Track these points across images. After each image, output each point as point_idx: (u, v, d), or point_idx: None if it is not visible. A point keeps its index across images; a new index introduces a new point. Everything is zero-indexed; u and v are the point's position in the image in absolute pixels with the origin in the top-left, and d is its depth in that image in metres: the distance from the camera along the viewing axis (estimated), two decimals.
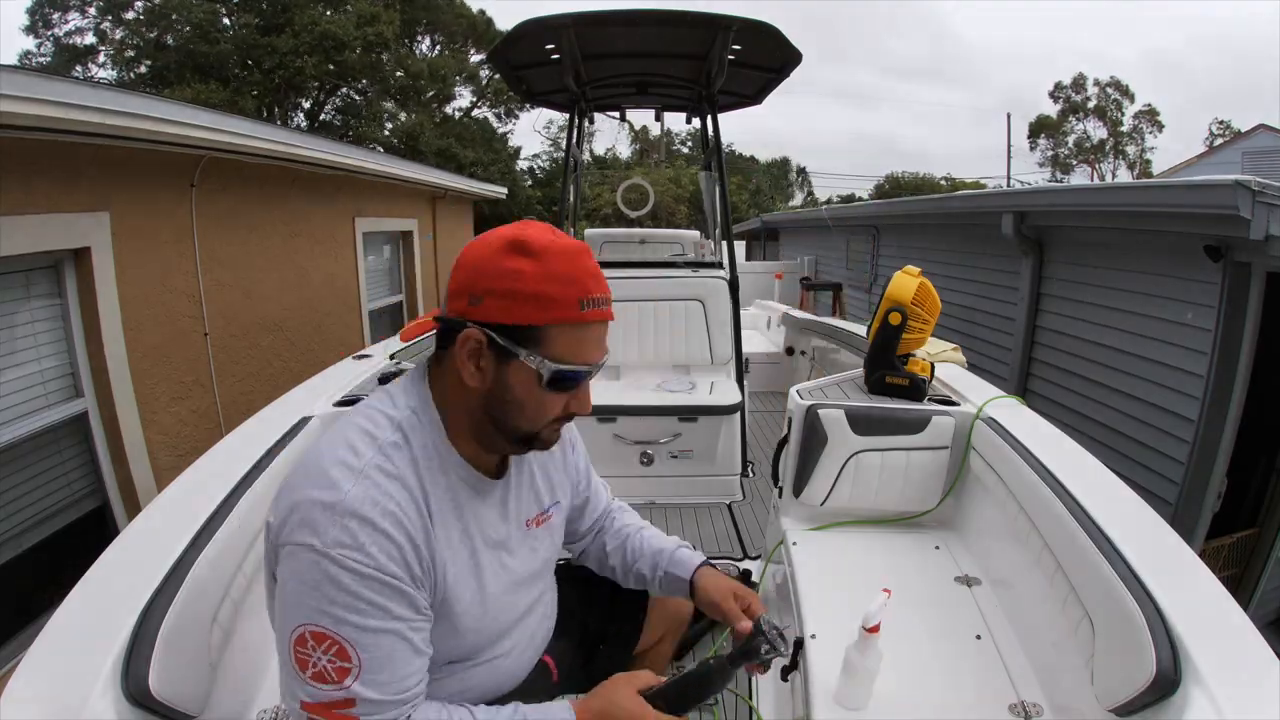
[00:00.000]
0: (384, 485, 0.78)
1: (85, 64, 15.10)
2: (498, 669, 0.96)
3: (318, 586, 0.73)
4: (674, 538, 1.17)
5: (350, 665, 0.74)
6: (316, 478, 0.77)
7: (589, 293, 0.80)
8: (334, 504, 0.75)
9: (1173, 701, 0.90)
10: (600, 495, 1.20)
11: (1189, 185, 3.25)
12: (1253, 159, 13.72)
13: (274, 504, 0.81)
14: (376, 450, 0.79)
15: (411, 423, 0.83)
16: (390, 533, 0.76)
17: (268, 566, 0.83)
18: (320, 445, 0.82)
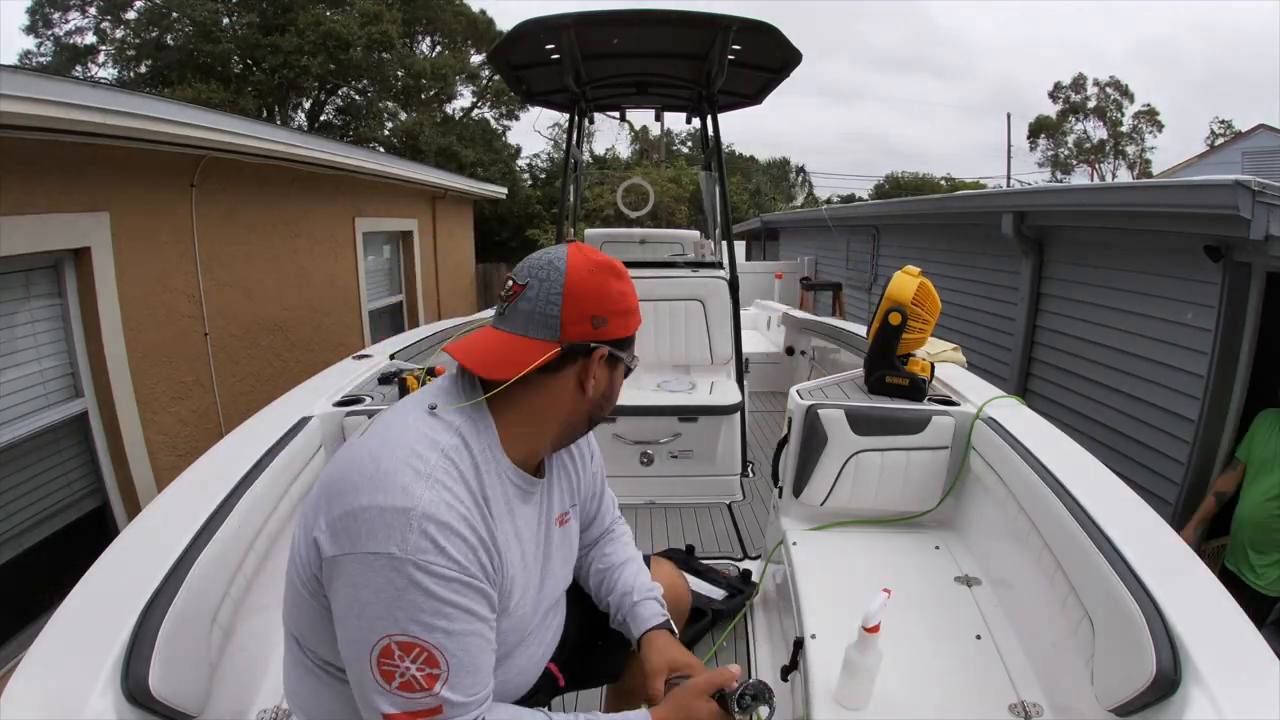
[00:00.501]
0: (453, 489, 0.79)
1: (85, 64, 15.09)
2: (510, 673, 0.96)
3: (402, 594, 0.73)
4: (648, 582, 1.14)
5: (440, 671, 0.74)
6: (380, 484, 0.76)
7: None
8: (408, 510, 0.74)
9: (1173, 701, 0.90)
10: (608, 511, 1.21)
11: (1189, 185, 3.25)
12: (1253, 159, 13.72)
13: (317, 515, 0.79)
14: (440, 455, 0.80)
15: (468, 429, 0.85)
16: (466, 535, 0.78)
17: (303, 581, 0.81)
18: (372, 450, 0.80)
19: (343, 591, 0.75)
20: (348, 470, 0.79)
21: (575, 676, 1.13)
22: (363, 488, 0.76)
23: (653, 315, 3.03)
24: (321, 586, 0.79)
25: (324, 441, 1.89)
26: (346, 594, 0.75)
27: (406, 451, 0.79)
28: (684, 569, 2.00)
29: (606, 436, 2.63)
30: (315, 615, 0.81)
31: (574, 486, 1.07)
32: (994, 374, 4.83)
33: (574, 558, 1.09)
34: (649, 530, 2.45)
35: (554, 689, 1.10)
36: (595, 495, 1.15)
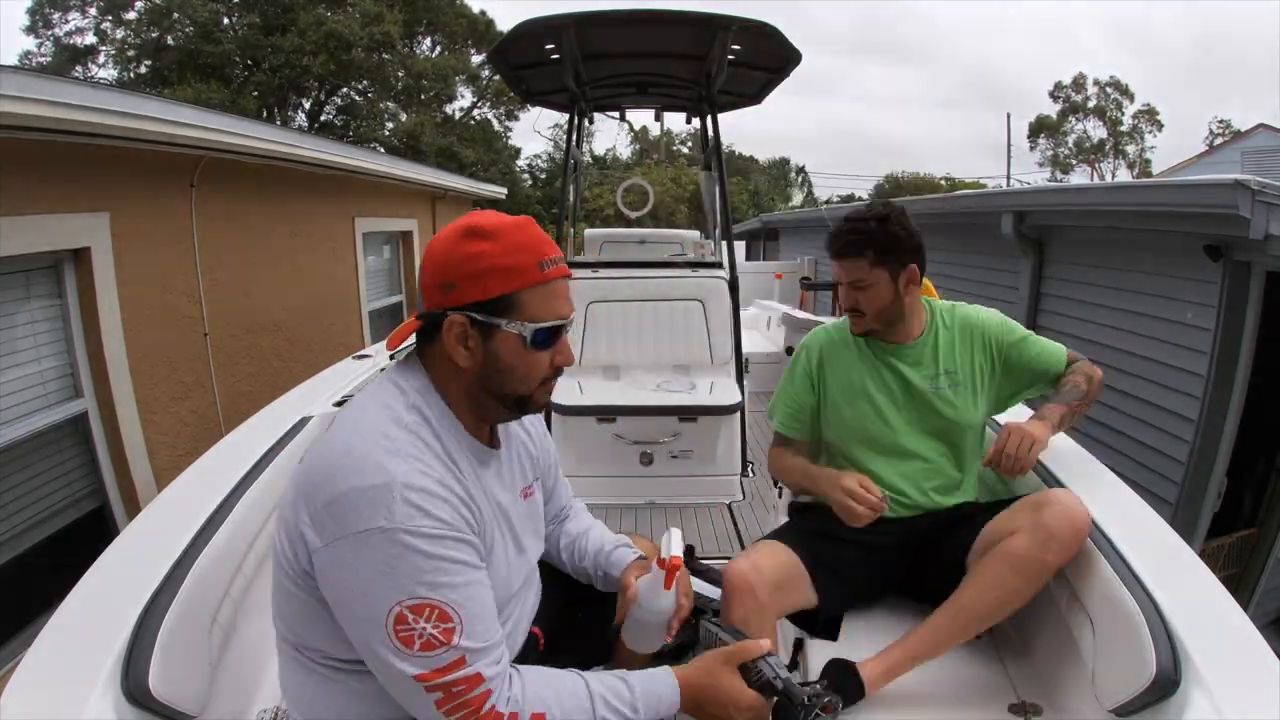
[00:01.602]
0: (423, 458, 0.82)
1: (85, 64, 15.09)
2: None
3: (401, 560, 0.76)
4: (617, 536, 1.21)
5: (453, 624, 0.77)
6: (356, 468, 0.79)
7: (545, 254, 0.88)
8: (387, 484, 0.77)
9: (1173, 701, 0.90)
10: (564, 488, 1.25)
11: (1189, 185, 3.26)
12: (1252, 158, 13.71)
13: (298, 511, 0.81)
14: (404, 430, 0.84)
15: (423, 401, 0.88)
16: (445, 496, 0.81)
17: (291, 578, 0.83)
18: (341, 441, 0.83)
19: (340, 577, 0.78)
20: (321, 463, 0.82)
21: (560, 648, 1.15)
22: (340, 474, 0.79)
23: (653, 315, 3.03)
24: (313, 580, 0.81)
25: None
26: (345, 577, 0.77)
27: (374, 434, 0.82)
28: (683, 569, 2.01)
29: (607, 436, 2.63)
30: (308, 611, 0.83)
31: (534, 460, 1.11)
32: None
33: (543, 530, 1.13)
34: (649, 530, 2.45)
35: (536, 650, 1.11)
36: (550, 470, 1.19)
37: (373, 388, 0.92)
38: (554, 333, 0.90)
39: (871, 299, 1.39)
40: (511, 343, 0.88)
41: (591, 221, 10.99)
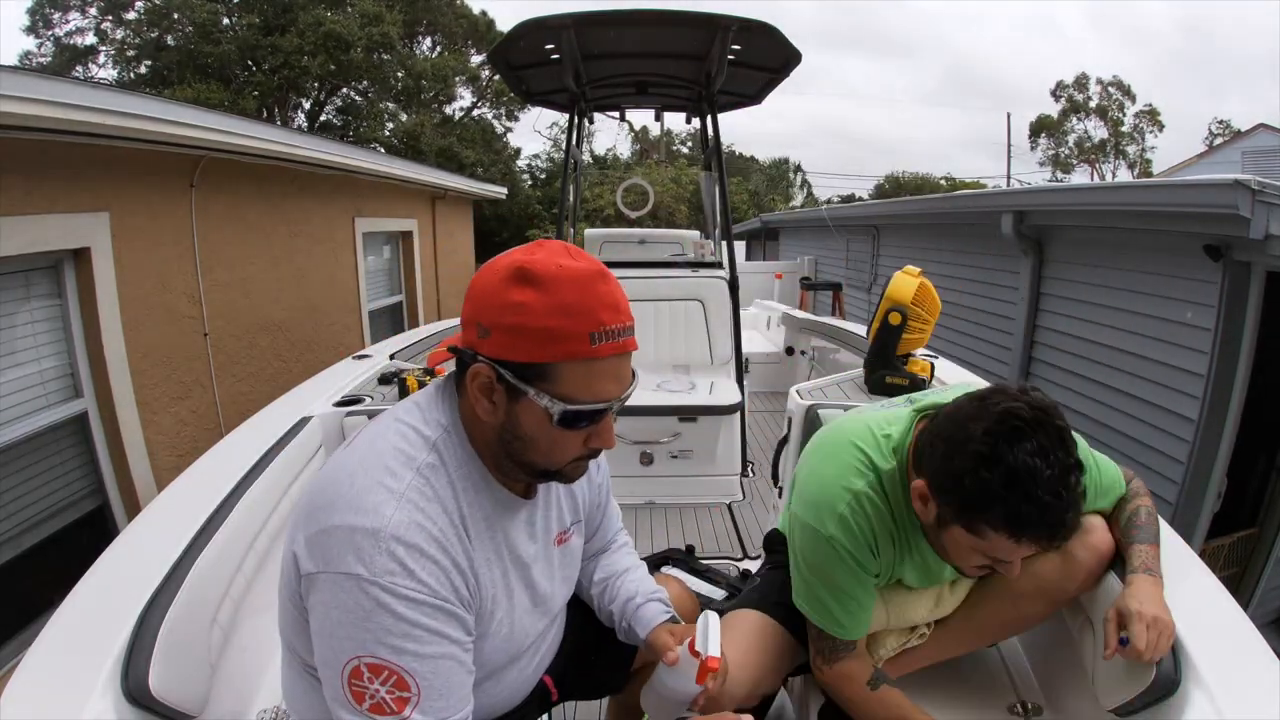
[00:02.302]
0: (426, 509, 0.75)
1: (85, 64, 15.09)
2: (499, 690, 0.93)
3: (369, 616, 0.70)
4: (652, 586, 1.09)
5: (410, 695, 0.71)
6: (353, 503, 0.73)
7: (602, 324, 0.74)
8: (377, 530, 0.71)
9: (1173, 702, 0.90)
10: (611, 524, 1.15)
11: (1189, 184, 3.26)
12: (1252, 158, 13.72)
13: (297, 529, 0.77)
14: (415, 473, 0.76)
15: (445, 442, 0.80)
16: (437, 558, 0.74)
17: (288, 591, 0.79)
18: (350, 465, 0.77)
19: (317, 609, 0.74)
20: (325, 486, 0.77)
21: (571, 688, 1.11)
22: (337, 505, 0.74)
23: (653, 315, 3.04)
24: (302, 599, 0.77)
25: (324, 441, 1.89)
26: (320, 612, 0.73)
27: (381, 469, 0.76)
28: (684, 569, 2.01)
29: None
30: (299, 624, 0.80)
31: (577, 502, 1.01)
32: (994, 374, 4.83)
33: (575, 575, 1.04)
34: (649, 530, 2.45)
35: (546, 702, 1.07)
36: (599, 507, 1.09)
37: (401, 408, 0.84)
38: (590, 416, 0.77)
39: None
40: (536, 415, 0.76)
41: (591, 221, 10.99)
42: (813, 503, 1.05)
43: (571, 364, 0.74)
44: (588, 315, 0.73)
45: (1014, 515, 0.85)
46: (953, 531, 0.94)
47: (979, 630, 1.18)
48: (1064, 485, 0.84)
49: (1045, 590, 1.10)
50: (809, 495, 1.07)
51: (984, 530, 0.89)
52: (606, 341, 0.74)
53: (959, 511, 0.90)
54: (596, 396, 0.76)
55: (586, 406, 0.76)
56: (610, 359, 0.76)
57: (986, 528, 0.88)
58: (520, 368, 0.74)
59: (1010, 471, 0.84)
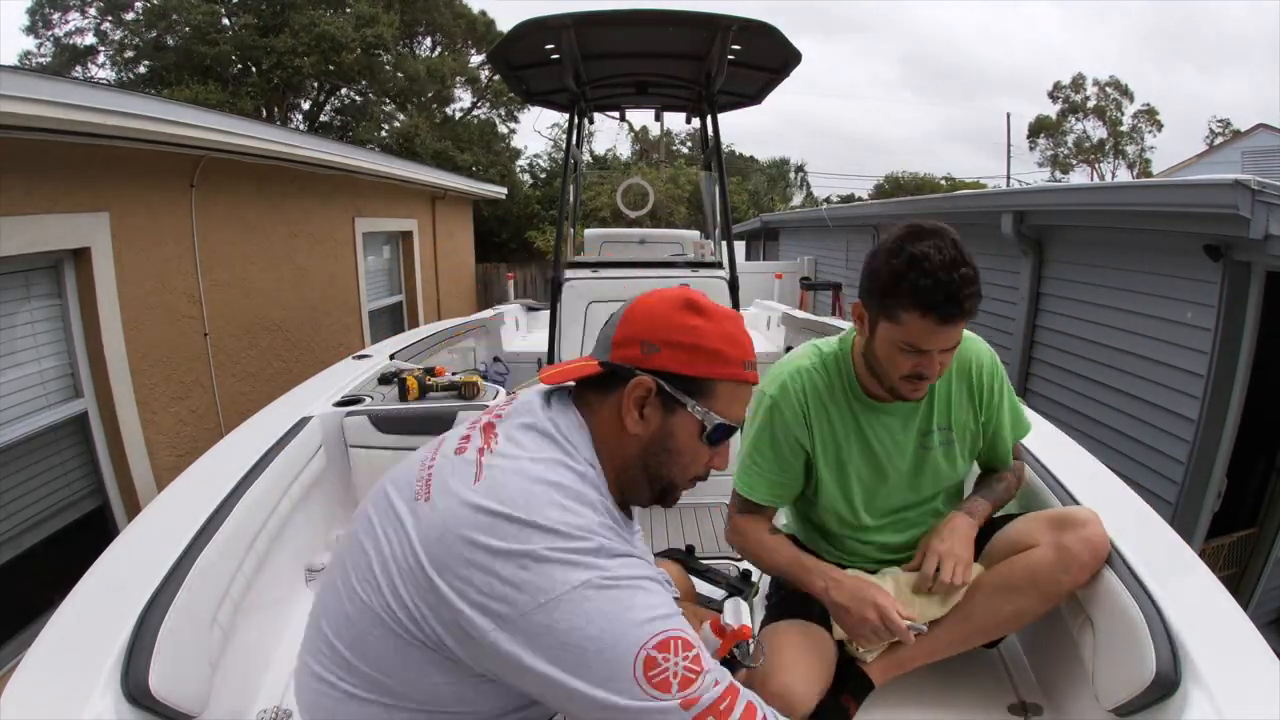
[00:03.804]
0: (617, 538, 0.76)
1: (85, 64, 15.09)
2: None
3: (631, 605, 0.70)
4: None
5: (696, 650, 0.72)
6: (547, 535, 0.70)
7: (751, 355, 0.85)
8: (597, 549, 0.72)
9: (1173, 701, 0.90)
10: None
11: (1188, 184, 3.26)
12: (1252, 158, 13.72)
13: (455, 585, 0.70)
14: (593, 510, 0.76)
15: (595, 476, 0.81)
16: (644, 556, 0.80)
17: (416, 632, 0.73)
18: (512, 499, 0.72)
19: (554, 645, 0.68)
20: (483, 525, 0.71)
21: None
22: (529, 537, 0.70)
23: None
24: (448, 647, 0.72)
25: (324, 441, 1.89)
26: (563, 642, 0.68)
27: (556, 508, 0.73)
28: (684, 569, 2.00)
29: None
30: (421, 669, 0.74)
31: None
32: None
33: None
34: (649, 530, 2.45)
35: None
36: None
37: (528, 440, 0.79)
38: (728, 432, 0.85)
39: (950, 360, 1.14)
40: (690, 427, 0.83)
41: (591, 221, 10.99)
42: (769, 376, 1.26)
43: (729, 384, 0.84)
44: (744, 345, 0.85)
45: (916, 290, 1.03)
46: (880, 333, 1.12)
47: (976, 628, 1.18)
48: (955, 268, 1.03)
49: (1039, 583, 1.12)
50: (772, 372, 1.27)
51: (898, 313, 1.07)
52: (753, 371, 0.86)
53: (879, 303, 1.09)
54: (737, 417, 0.86)
55: (732, 423, 0.85)
56: (750, 386, 0.87)
57: (899, 309, 1.06)
58: (685, 381, 0.81)
59: (910, 256, 1.04)
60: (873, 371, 1.18)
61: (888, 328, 1.09)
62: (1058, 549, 1.11)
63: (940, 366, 1.11)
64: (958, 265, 1.03)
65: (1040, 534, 1.15)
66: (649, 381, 0.80)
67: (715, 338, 0.81)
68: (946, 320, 1.04)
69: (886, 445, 1.24)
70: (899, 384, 1.14)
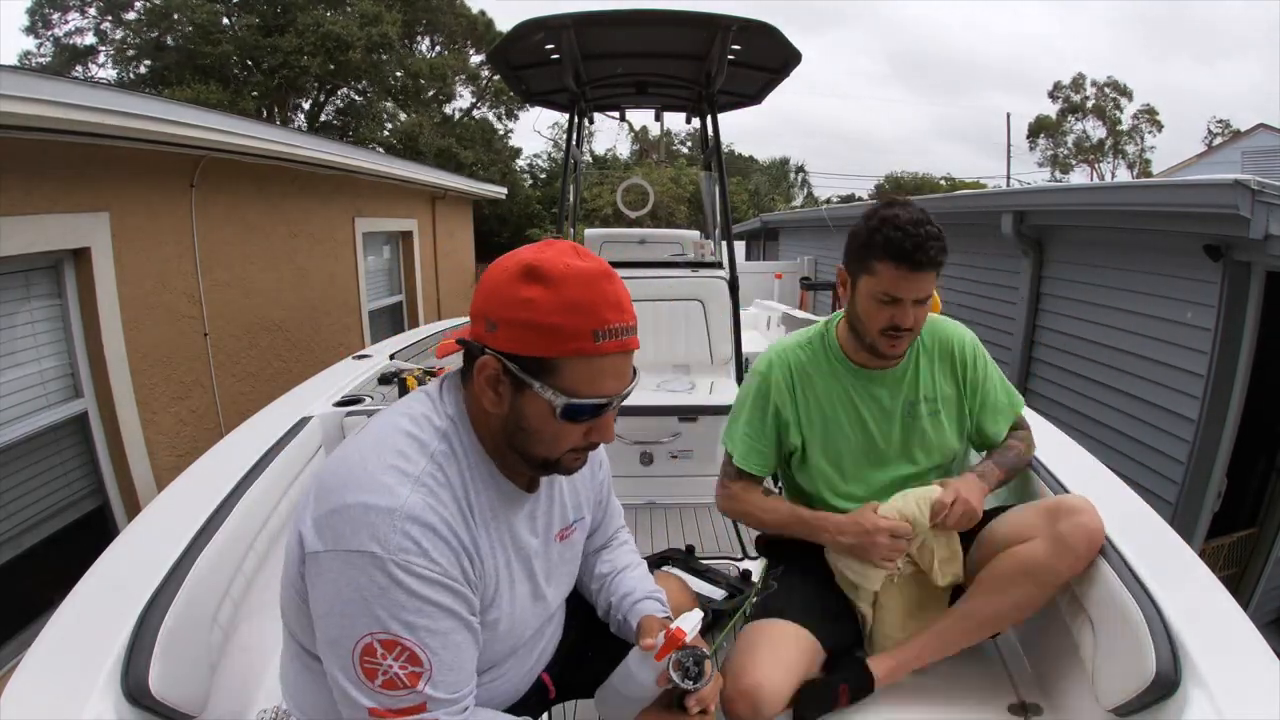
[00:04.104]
0: (439, 494, 0.78)
1: (85, 64, 15.09)
2: (499, 684, 0.94)
3: (385, 593, 0.72)
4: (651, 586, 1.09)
5: (422, 670, 0.73)
6: (366, 483, 0.75)
7: (606, 323, 0.77)
8: (393, 510, 0.74)
9: (1173, 701, 0.90)
10: (613, 519, 1.17)
11: (1188, 184, 3.26)
12: (1252, 158, 13.72)
13: (304, 511, 0.78)
14: (428, 459, 0.79)
15: (454, 432, 0.83)
16: (448, 539, 0.77)
17: (290, 576, 0.80)
18: (362, 449, 0.80)
19: (324, 589, 0.75)
20: (336, 468, 0.79)
21: (568, 686, 1.11)
22: (349, 486, 0.76)
23: (652, 315, 3.03)
24: (304, 580, 0.78)
25: (324, 441, 1.89)
26: (328, 591, 0.74)
27: (394, 454, 0.78)
28: (684, 569, 2.01)
29: None
30: (302, 610, 0.80)
31: (580, 499, 1.02)
32: None
33: (575, 571, 1.06)
34: (649, 530, 2.45)
35: (544, 700, 1.07)
36: (601, 503, 1.11)
37: (411, 399, 0.87)
38: (592, 410, 0.80)
39: (924, 315, 1.22)
40: (540, 407, 0.79)
41: (591, 221, 10.99)
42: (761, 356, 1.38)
43: (575, 360, 0.77)
44: (592, 313, 0.76)
45: (887, 241, 1.15)
46: (859, 291, 1.23)
47: (979, 622, 1.18)
48: (921, 225, 1.16)
49: (1037, 572, 1.13)
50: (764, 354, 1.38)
51: (873, 264, 1.18)
52: (609, 340, 0.78)
53: (857, 260, 1.22)
54: (598, 392, 0.80)
55: (589, 401, 0.79)
56: (612, 356, 0.79)
57: (874, 260, 1.18)
58: (527, 361, 0.77)
59: (882, 217, 1.17)
60: (855, 333, 1.27)
61: (865, 280, 1.20)
62: (1054, 539, 1.12)
63: (915, 322, 1.20)
64: (923, 223, 1.16)
65: (1035, 524, 1.16)
66: (493, 362, 0.78)
67: (552, 311, 0.75)
68: (917, 267, 1.15)
69: (874, 413, 1.31)
70: (879, 339, 1.22)
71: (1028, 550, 1.14)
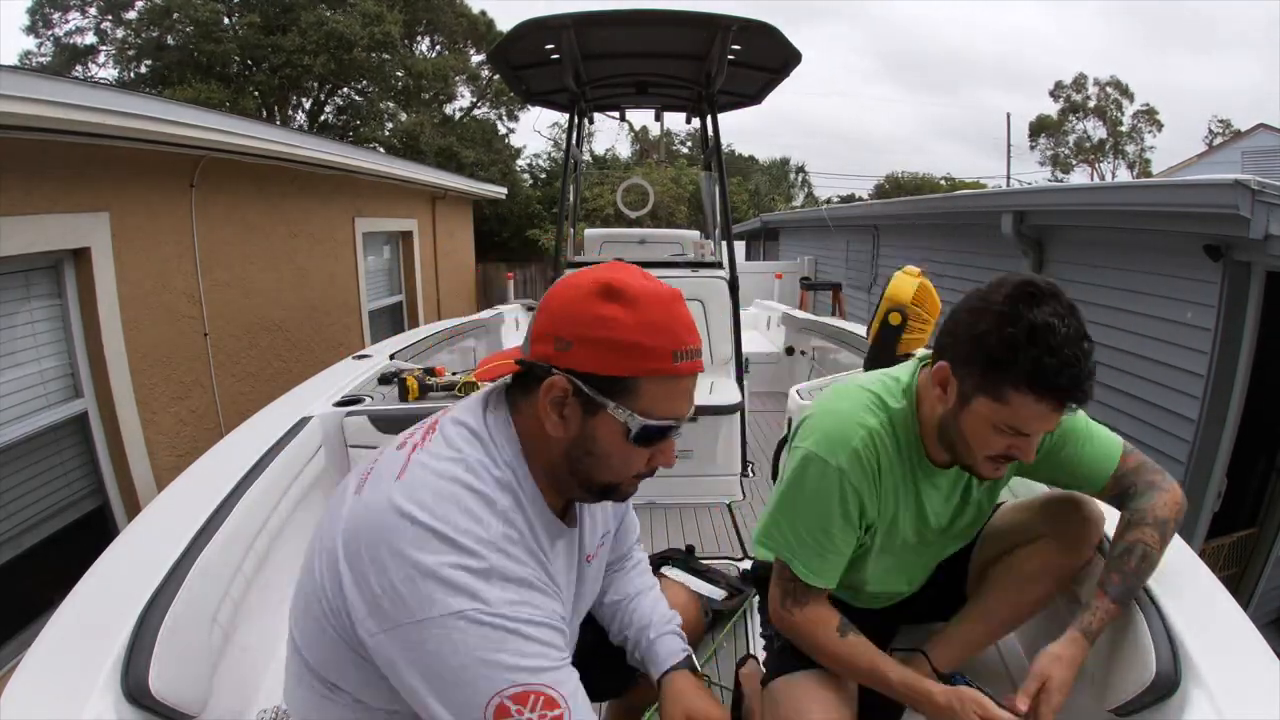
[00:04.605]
0: (516, 553, 0.73)
1: (85, 64, 15.08)
2: None
3: (501, 646, 0.68)
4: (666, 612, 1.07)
5: (560, 710, 0.70)
6: (443, 546, 0.69)
7: (683, 343, 0.76)
8: (487, 570, 0.69)
9: (1173, 702, 0.90)
10: (627, 536, 1.14)
11: (1188, 184, 3.26)
12: (1252, 158, 13.72)
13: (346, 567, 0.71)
14: (500, 519, 0.73)
15: (514, 480, 0.77)
16: (540, 586, 0.74)
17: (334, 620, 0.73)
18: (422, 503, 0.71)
19: (416, 665, 0.68)
20: (392, 525, 0.70)
21: None
22: (424, 548, 0.69)
23: None
24: (361, 643, 0.72)
25: (324, 441, 1.90)
26: (424, 666, 0.68)
27: (463, 514, 0.71)
28: (684, 569, 2.01)
29: None
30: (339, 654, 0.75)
31: (606, 515, 1.00)
32: None
33: (598, 589, 1.03)
34: (649, 530, 2.45)
35: None
36: (619, 517, 1.09)
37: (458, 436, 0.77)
38: (664, 431, 0.78)
39: None
40: (613, 429, 0.75)
41: (591, 221, 10.99)
42: (825, 436, 1.03)
43: (654, 380, 0.75)
44: (672, 333, 0.75)
45: (1036, 367, 0.85)
46: (974, 407, 0.93)
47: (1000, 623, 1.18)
48: (1080, 345, 0.86)
49: (1051, 570, 1.12)
50: (822, 429, 1.04)
51: (1007, 392, 0.89)
52: (686, 361, 0.76)
53: (984, 374, 0.91)
54: (673, 413, 0.77)
55: (663, 423, 0.76)
56: (686, 378, 0.78)
57: (1009, 388, 0.89)
58: (603, 381, 0.73)
59: (1032, 326, 0.85)
60: (949, 446, 1.01)
61: (987, 405, 0.92)
62: (1062, 538, 1.11)
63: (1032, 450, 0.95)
64: (1080, 339, 0.87)
65: (1037, 524, 1.15)
66: (563, 382, 0.73)
67: (634, 328, 0.72)
68: (1065, 409, 0.89)
69: (937, 511, 1.10)
70: (981, 464, 0.99)
71: (1040, 552, 1.11)
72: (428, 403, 2.04)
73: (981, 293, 0.94)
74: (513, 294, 7.02)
